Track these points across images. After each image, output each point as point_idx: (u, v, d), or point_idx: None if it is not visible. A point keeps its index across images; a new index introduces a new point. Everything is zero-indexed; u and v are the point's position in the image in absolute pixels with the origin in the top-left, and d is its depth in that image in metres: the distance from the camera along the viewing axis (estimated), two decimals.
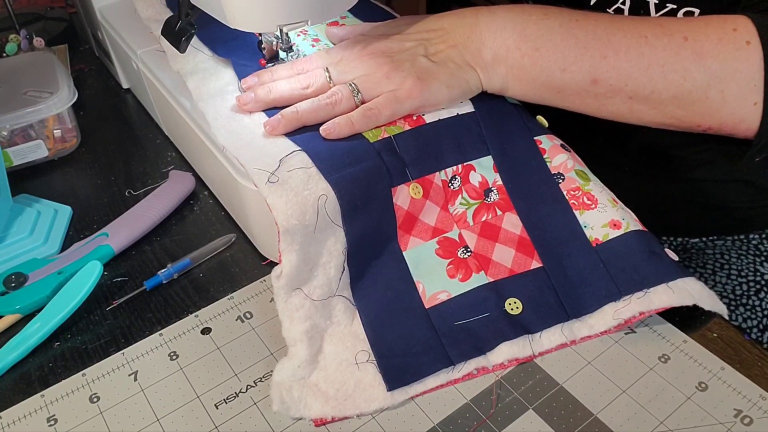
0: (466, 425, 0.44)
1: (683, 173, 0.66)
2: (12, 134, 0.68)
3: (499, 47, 0.53)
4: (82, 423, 0.46)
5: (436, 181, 0.52)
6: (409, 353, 0.46)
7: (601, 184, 0.53)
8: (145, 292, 0.55)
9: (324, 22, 0.59)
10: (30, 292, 0.54)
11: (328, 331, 0.47)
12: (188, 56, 0.61)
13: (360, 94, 0.53)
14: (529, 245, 0.50)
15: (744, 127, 0.50)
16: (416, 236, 0.51)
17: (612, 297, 0.47)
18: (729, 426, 0.43)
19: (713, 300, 0.47)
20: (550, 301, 0.48)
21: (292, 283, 0.47)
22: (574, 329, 0.47)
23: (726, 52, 0.48)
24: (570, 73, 0.51)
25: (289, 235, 0.46)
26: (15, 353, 0.50)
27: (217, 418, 0.45)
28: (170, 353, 0.50)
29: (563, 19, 0.52)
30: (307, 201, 0.47)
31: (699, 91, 0.49)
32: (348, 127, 0.51)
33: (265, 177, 0.48)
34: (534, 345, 0.47)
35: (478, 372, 0.46)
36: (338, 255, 0.48)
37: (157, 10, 0.70)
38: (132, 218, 0.60)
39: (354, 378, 0.46)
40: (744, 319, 0.65)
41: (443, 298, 0.48)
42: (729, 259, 0.68)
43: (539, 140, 0.55)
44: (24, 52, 0.83)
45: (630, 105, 0.51)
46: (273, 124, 0.52)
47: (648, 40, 0.49)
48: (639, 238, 0.49)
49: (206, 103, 0.56)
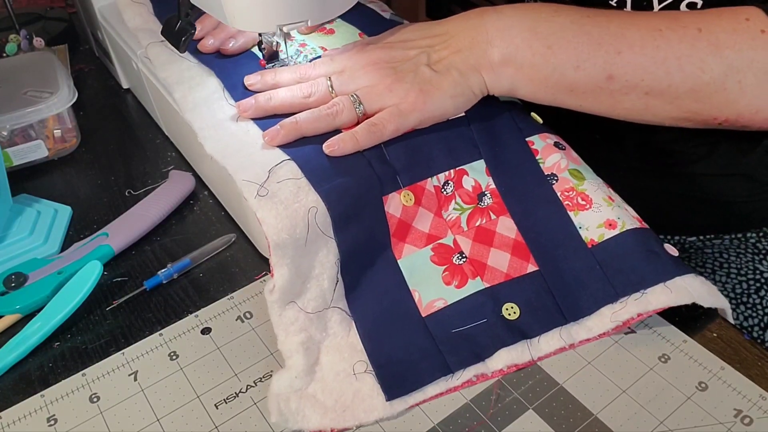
0: (466, 425, 0.44)
1: (681, 168, 0.66)
2: (12, 134, 0.68)
3: (507, 46, 0.52)
4: (82, 423, 0.46)
5: (428, 188, 0.51)
6: (407, 362, 0.46)
7: (598, 182, 0.52)
8: (145, 292, 0.55)
9: (324, 21, 0.59)
10: (30, 292, 0.54)
11: (324, 343, 0.47)
12: (174, 64, 0.61)
13: (362, 105, 0.52)
14: (524, 249, 0.50)
15: (760, 117, 0.50)
16: (410, 244, 0.50)
17: (609, 299, 0.47)
18: (729, 426, 0.42)
19: (714, 296, 0.47)
20: (547, 304, 0.48)
21: (286, 297, 0.46)
22: (572, 332, 0.47)
23: (742, 42, 0.48)
24: (584, 70, 0.50)
25: (280, 249, 0.46)
26: (15, 353, 0.50)
27: (217, 418, 0.45)
28: (170, 353, 0.50)
29: (574, 16, 0.52)
30: (297, 214, 0.46)
31: (717, 82, 0.49)
32: (352, 143, 0.50)
33: (254, 190, 0.47)
34: (533, 350, 0.47)
35: (478, 379, 0.46)
36: (331, 267, 0.48)
37: (145, 19, 0.69)
38: (132, 218, 0.60)
39: (352, 388, 0.45)
40: (745, 318, 0.65)
41: (440, 306, 0.48)
42: (728, 258, 0.68)
43: (531, 141, 0.54)
44: (24, 52, 0.83)
45: (646, 101, 0.51)
46: (272, 135, 0.51)
47: (663, 33, 0.49)
48: (635, 236, 0.49)
49: (192, 113, 0.56)
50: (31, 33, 0.85)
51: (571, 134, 0.58)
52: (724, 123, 0.51)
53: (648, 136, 0.66)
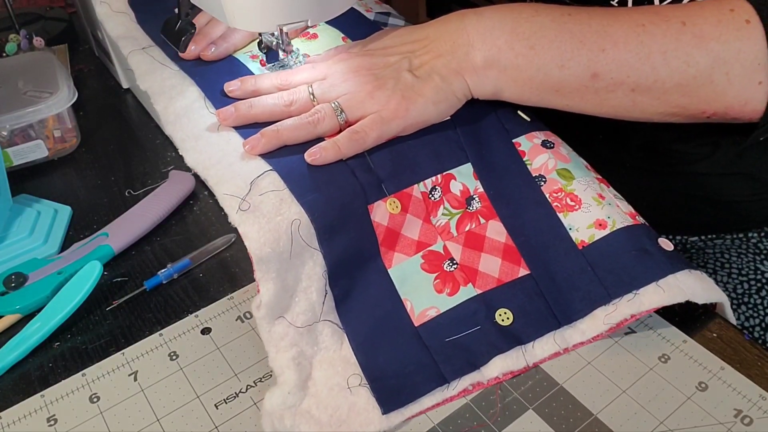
0: (466, 425, 0.44)
1: (683, 167, 0.66)
2: (12, 134, 0.68)
3: (489, 49, 0.51)
4: (82, 423, 0.46)
5: (415, 194, 0.51)
6: (402, 374, 0.45)
7: (588, 179, 0.51)
8: (145, 292, 0.55)
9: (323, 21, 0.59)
10: (30, 292, 0.54)
11: (316, 357, 0.46)
12: (155, 73, 0.60)
13: (344, 113, 0.51)
14: (515, 252, 0.50)
15: (749, 109, 0.49)
16: (400, 252, 0.50)
17: (602, 301, 0.47)
18: (729, 426, 0.42)
19: (708, 292, 0.46)
20: (540, 308, 0.47)
21: (274, 312, 0.46)
22: (566, 336, 0.47)
23: (727, 33, 0.47)
24: (568, 69, 0.50)
25: (263, 264, 0.45)
26: (15, 353, 0.50)
27: (217, 418, 0.45)
28: (170, 353, 0.50)
29: (555, 15, 0.51)
30: (280, 227, 0.46)
31: (703, 75, 0.48)
32: (334, 152, 0.49)
33: (235, 204, 0.47)
34: (527, 356, 0.46)
35: (474, 387, 0.45)
36: (318, 279, 0.47)
37: (128, 28, 0.68)
38: (132, 218, 0.60)
39: (347, 402, 0.44)
40: (746, 318, 0.65)
41: (432, 315, 0.47)
42: (729, 258, 0.68)
43: (518, 142, 0.53)
44: (24, 52, 0.83)
45: (633, 97, 0.50)
46: (252, 144, 0.50)
47: (646, 28, 0.49)
48: (626, 235, 0.48)
49: (173, 126, 0.55)
50: (31, 33, 0.85)
51: (574, 133, 0.57)
52: (713, 116, 0.51)
53: (650, 136, 0.65)
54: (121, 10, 0.70)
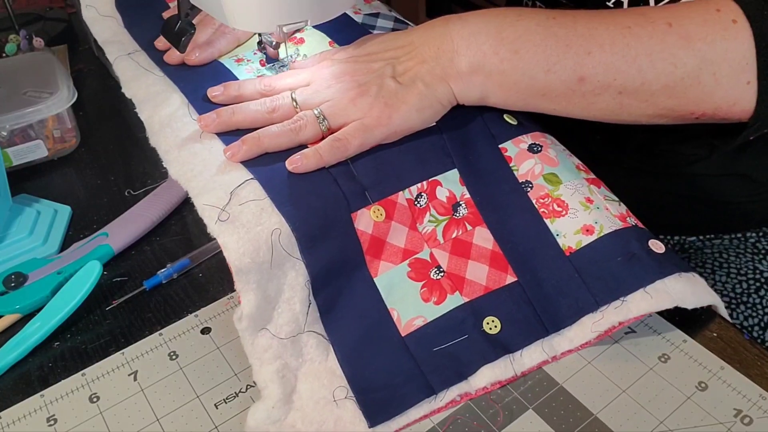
0: (466, 425, 0.44)
1: (681, 168, 0.66)
2: (11, 134, 0.68)
3: (474, 54, 0.50)
4: (82, 423, 0.46)
5: (400, 201, 0.50)
6: (388, 386, 0.44)
7: (576, 183, 0.51)
8: (145, 292, 0.55)
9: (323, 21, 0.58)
10: (30, 292, 0.54)
11: (301, 370, 0.45)
12: (140, 80, 0.60)
13: (326, 121, 0.51)
14: (502, 259, 0.49)
15: (738, 109, 0.49)
16: (386, 260, 0.49)
17: (589, 308, 0.46)
18: (729, 426, 0.43)
19: (698, 296, 0.46)
20: (528, 316, 0.47)
21: (256, 324, 0.45)
22: (554, 344, 0.46)
23: (714, 33, 0.47)
24: (554, 73, 0.49)
25: (243, 275, 0.44)
26: (15, 353, 0.50)
27: (217, 418, 0.45)
28: (170, 353, 0.50)
29: (540, 18, 0.51)
30: (260, 237, 0.45)
31: (691, 76, 0.48)
32: (316, 160, 0.49)
33: (215, 215, 0.46)
34: (515, 365, 0.46)
35: (462, 398, 0.45)
36: (301, 289, 0.46)
37: (114, 32, 0.67)
38: (132, 218, 0.60)
39: (333, 416, 0.44)
40: (745, 317, 0.65)
41: (419, 324, 0.46)
42: (727, 257, 0.68)
43: (504, 147, 0.53)
44: (24, 53, 0.83)
45: (620, 100, 0.50)
46: (233, 151, 0.50)
47: (632, 30, 0.48)
48: (614, 240, 0.48)
49: (158, 136, 0.54)
50: (31, 33, 0.85)
51: (572, 135, 0.57)
52: (701, 117, 0.50)
53: (648, 137, 0.65)
54: (108, 14, 0.69)
